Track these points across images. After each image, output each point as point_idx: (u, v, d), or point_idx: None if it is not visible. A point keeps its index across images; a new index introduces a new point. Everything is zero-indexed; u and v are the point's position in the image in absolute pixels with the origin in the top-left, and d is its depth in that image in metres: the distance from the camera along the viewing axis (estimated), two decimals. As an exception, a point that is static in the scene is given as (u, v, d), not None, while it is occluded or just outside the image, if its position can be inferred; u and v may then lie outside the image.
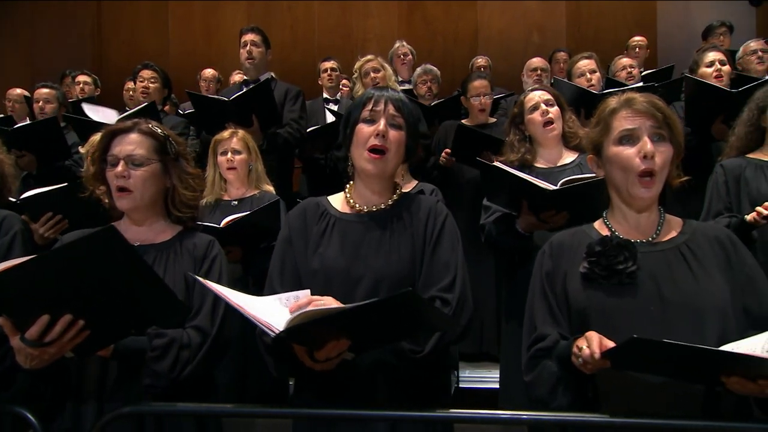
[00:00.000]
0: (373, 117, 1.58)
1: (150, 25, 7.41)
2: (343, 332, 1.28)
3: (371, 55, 4.01)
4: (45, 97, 3.98)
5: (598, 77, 3.65)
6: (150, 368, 1.50)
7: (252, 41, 3.90)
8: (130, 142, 1.66)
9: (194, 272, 1.66)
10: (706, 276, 1.41)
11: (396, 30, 6.88)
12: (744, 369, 1.16)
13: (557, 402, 1.41)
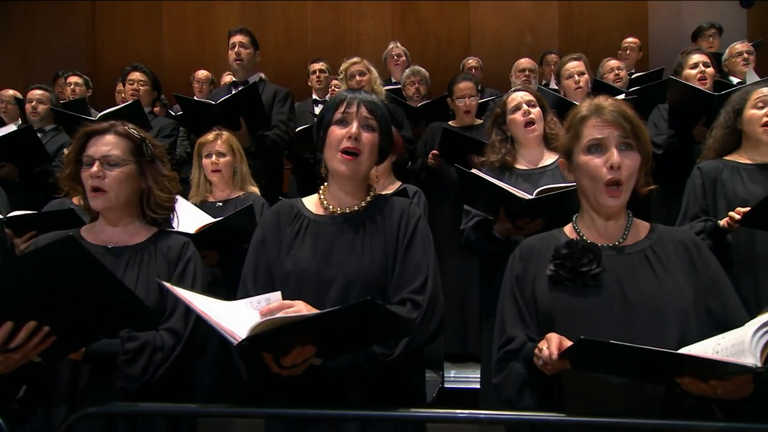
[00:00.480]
0: (345, 119, 1.59)
1: (144, 26, 7.43)
2: (307, 339, 1.30)
3: (357, 57, 4.02)
4: (38, 98, 4.02)
5: (587, 79, 3.67)
6: (122, 372, 1.53)
7: (240, 43, 3.91)
8: (106, 143, 1.68)
9: (168, 274, 1.69)
10: (670, 279, 1.44)
11: (389, 31, 6.91)
12: (695, 370, 1.19)
13: (524, 403, 1.43)
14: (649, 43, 6.09)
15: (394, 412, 1.40)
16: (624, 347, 1.16)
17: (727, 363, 1.13)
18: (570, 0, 6.56)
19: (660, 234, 1.53)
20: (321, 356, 1.40)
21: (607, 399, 1.37)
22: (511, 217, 2.36)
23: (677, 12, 6.22)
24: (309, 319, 1.21)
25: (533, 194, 2.25)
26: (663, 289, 1.42)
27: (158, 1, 7.42)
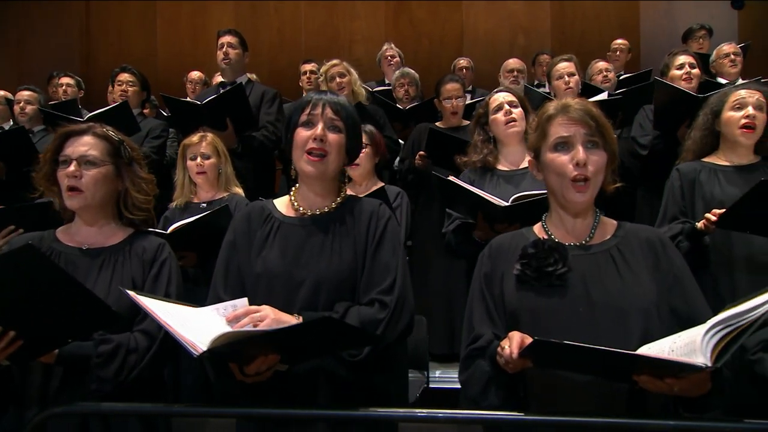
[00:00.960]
0: (311, 120, 1.61)
1: (138, 27, 7.45)
2: (270, 349, 1.32)
3: (336, 59, 4.04)
4: (26, 99, 4.04)
5: (577, 80, 3.69)
6: (95, 374, 1.54)
7: (228, 43, 3.93)
8: (84, 144, 1.70)
9: (143, 275, 1.71)
10: (633, 277, 1.46)
11: (382, 32, 6.93)
12: (650, 368, 1.20)
13: (488, 401, 1.44)
14: (640, 44, 6.11)
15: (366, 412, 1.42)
16: (577, 347, 1.17)
17: (677, 362, 1.15)
18: (562, 1, 6.57)
19: (626, 232, 1.55)
20: (287, 362, 1.42)
21: (572, 397, 1.39)
22: (490, 221, 2.39)
23: (668, 13, 6.24)
24: (267, 334, 1.24)
25: (510, 200, 2.26)
26: (626, 288, 1.43)
27: (152, 2, 7.43)
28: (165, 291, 1.70)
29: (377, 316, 1.51)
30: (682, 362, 1.14)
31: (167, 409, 1.52)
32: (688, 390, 1.24)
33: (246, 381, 1.37)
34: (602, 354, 1.17)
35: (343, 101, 1.66)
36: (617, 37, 5.92)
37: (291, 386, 1.50)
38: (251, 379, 1.36)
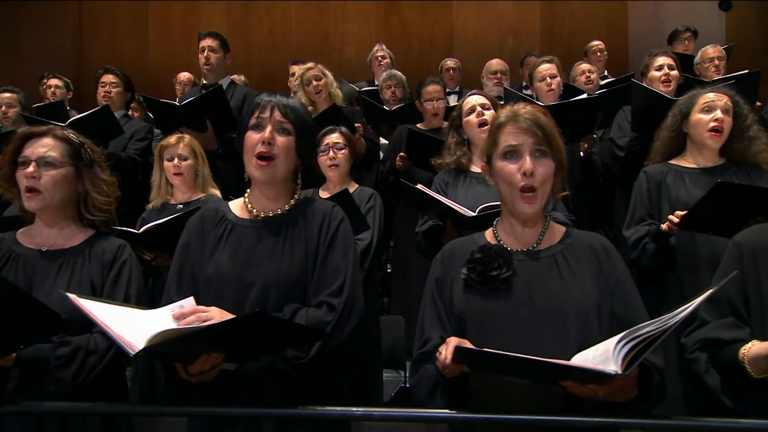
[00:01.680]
0: (260, 123, 1.61)
1: (130, 28, 7.48)
2: (212, 347, 1.34)
3: (311, 63, 4.05)
4: (7, 101, 4.06)
5: (559, 82, 3.70)
6: (54, 376, 1.55)
7: (209, 47, 3.95)
8: (43, 145, 1.71)
9: (102, 277, 1.72)
10: (575, 282, 1.47)
11: (373, 33, 6.96)
12: (572, 375, 1.22)
13: (435, 403, 1.45)
14: (628, 45, 6.13)
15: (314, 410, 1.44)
16: (499, 355, 1.20)
17: (589, 370, 1.18)
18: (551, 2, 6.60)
19: (573, 239, 1.56)
20: (234, 361, 1.44)
21: (514, 398, 1.41)
22: (458, 228, 2.41)
23: (656, 15, 6.26)
24: (202, 330, 1.25)
25: (476, 210, 2.29)
26: (567, 293, 1.45)
27: (144, 3, 7.47)
28: (125, 293, 1.71)
29: (324, 319, 1.53)
30: (594, 370, 1.17)
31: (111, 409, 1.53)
32: (613, 395, 1.26)
33: (191, 381, 1.38)
34: (525, 361, 1.19)
35: (293, 103, 1.66)
36: (606, 39, 5.95)
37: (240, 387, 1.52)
38: (196, 378, 1.38)
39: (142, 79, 7.18)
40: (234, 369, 1.45)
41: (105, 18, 7.51)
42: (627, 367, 1.13)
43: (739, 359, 1.41)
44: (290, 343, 1.47)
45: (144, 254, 2.59)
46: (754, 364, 1.39)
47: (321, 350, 1.51)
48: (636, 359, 1.14)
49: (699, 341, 1.53)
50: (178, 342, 1.24)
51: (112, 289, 1.71)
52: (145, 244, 2.57)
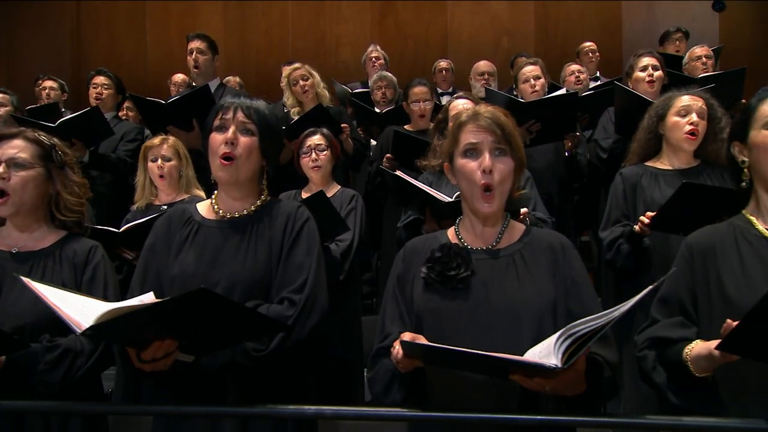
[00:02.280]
0: (223, 125, 1.64)
1: (128, 29, 7.53)
2: (164, 333, 1.36)
3: (298, 63, 4.08)
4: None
5: (543, 83, 3.73)
6: (42, 379, 1.57)
7: (197, 49, 3.99)
8: (13, 146, 1.73)
9: (75, 279, 1.73)
10: (531, 281, 1.49)
11: (368, 34, 6.98)
12: (517, 369, 1.25)
13: (391, 398, 1.47)
14: (622, 46, 6.14)
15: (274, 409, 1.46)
16: (439, 348, 1.22)
17: (529, 363, 1.20)
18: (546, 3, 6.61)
19: (532, 237, 1.58)
20: (192, 353, 1.46)
21: (470, 394, 1.43)
22: (437, 217, 2.43)
23: (650, 15, 6.26)
24: (149, 308, 1.25)
25: (453, 197, 2.31)
26: (523, 292, 1.47)
27: (142, 4, 7.52)
28: (102, 295, 1.71)
29: (285, 313, 1.55)
30: (533, 363, 1.19)
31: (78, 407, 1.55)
32: (561, 389, 1.28)
33: (144, 368, 1.40)
34: (469, 355, 1.22)
35: (257, 105, 1.68)
36: (600, 40, 5.96)
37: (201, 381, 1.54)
38: (149, 366, 1.39)
39: (140, 80, 7.24)
40: (191, 361, 1.47)
41: (103, 19, 7.56)
42: (567, 360, 1.16)
43: (682, 358, 1.43)
44: (246, 333, 1.49)
45: (125, 253, 2.63)
46: (695, 364, 1.40)
47: (281, 344, 1.53)
48: (574, 354, 1.16)
49: (647, 339, 1.55)
50: (126, 320, 1.25)
51: (89, 290, 1.71)
52: (126, 243, 2.60)
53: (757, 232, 1.50)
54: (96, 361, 1.65)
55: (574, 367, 1.25)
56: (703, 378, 1.42)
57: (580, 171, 3.61)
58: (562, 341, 1.16)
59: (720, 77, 3.87)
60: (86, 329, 1.24)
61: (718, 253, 1.51)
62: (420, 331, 1.49)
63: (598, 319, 1.16)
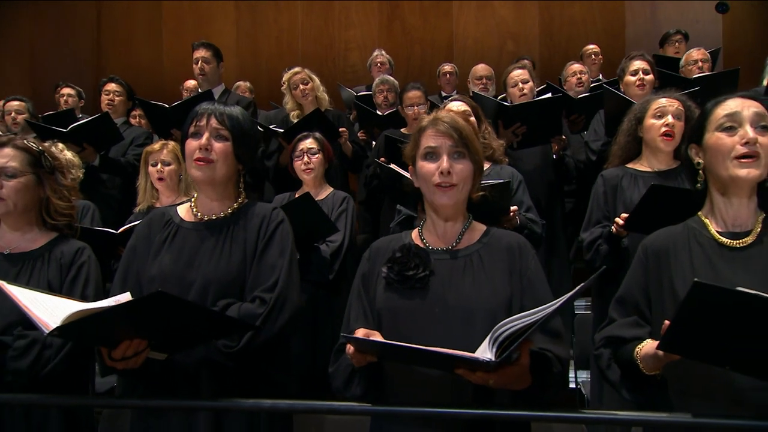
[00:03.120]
0: (198, 131, 1.69)
1: (145, 37, 7.67)
2: (132, 333, 1.40)
3: (298, 67, 4.13)
4: (16, 109, 4.24)
5: (531, 86, 3.74)
6: (10, 366, 1.63)
7: (203, 57, 4.09)
8: (3, 156, 1.80)
9: (61, 278, 1.80)
10: (487, 281, 1.52)
11: (376, 38, 7.03)
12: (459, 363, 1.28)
13: (351, 392, 1.52)
14: (626, 49, 6.08)
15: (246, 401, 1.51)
16: (389, 345, 1.26)
17: (463, 357, 1.23)
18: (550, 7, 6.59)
19: (491, 237, 1.60)
20: (164, 351, 1.51)
21: (426, 387, 1.45)
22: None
23: (653, 17, 6.21)
24: (110, 310, 1.30)
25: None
26: (478, 291, 1.50)
27: (158, 13, 7.65)
28: (81, 293, 1.79)
29: (255, 311, 1.59)
30: (469, 357, 1.22)
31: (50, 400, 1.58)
32: (507, 383, 1.31)
33: (116, 366, 1.45)
34: (415, 350, 1.25)
35: (230, 111, 1.73)
36: (603, 42, 5.93)
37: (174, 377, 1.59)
38: (121, 364, 1.44)
39: (157, 86, 7.37)
40: (164, 359, 1.52)
41: (121, 28, 7.71)
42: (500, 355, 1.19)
43: (633, 357, 1.45)
44: (211, 333, 1.53)
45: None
46: (644, 362, 1.43)
47: (251, 340, 1.57)
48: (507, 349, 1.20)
49: (603, 338, 1.57)
50: (90, 322, 1.30)
51: (70, 288, 1.79)
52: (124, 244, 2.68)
53: (709, 234, 1.51)
54: (66, 355, 1.68)
55: (519, 362, 1.29)
56: (652, 376, 1.44)
57: (568, 173, 3.61)
58: (497, 337, 1.20)
59: (713, 78, 3.85)
60: (53, 330, 1.29)
61: (671, 255, 1.53)
62: (380, 329, 1.53)
63: (531, 315, 1.19)
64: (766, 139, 1.44)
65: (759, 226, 1.48)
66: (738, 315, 1.14)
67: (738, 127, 1.46)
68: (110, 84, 4.33)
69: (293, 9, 7.29)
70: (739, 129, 1.46)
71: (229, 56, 7.43)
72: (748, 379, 1.31)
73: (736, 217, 1.50)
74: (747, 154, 1.43)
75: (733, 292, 1.10)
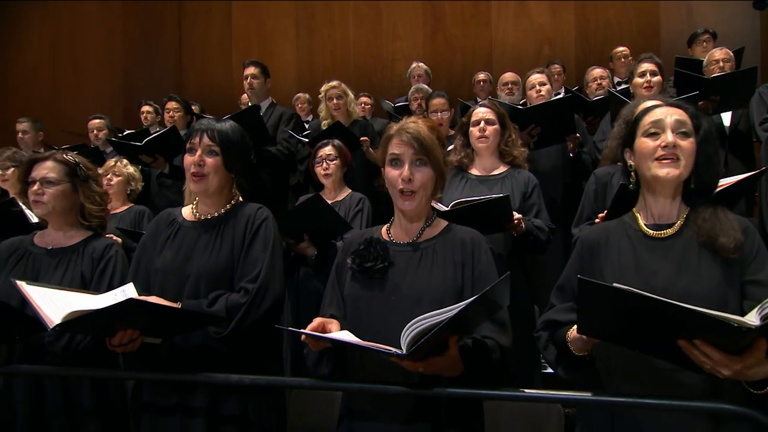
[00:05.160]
0: (192, 147, 1.84)
1: (218, 58, 8.07)
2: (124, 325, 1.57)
3: (336, 81, 4.25)
4: (97, 126, 4.63)
5: (548, 89, 3.73)
6: (47, 349, 1.84)
7: (252, 74, 4.30)
8: (45, 168, 2.02)
9: (92, 270, 2.00)
10: (438, 272, 1.58)
11: (421, 49, 7.09)
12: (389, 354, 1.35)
13: (320, 371, 1.61)
14: (661, 49, 5.84)
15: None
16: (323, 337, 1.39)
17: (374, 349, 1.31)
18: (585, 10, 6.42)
19: (449, 233, 1.66)
20: (157, 336, 1.67)
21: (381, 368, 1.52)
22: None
23: (689, 17, 5.91)
24: (95, 312, 1.47)
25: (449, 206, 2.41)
26: (428, 281, 1.56)
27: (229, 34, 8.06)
28: (108, 282, 1.98)
29: (239, 301, 1.72)
30: (383, 350, 1.29)
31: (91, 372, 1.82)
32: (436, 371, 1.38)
33: (116, 351, 1.63)
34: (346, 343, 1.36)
35: (221, 127, 1.85)
36: (638, 43, 5.74)
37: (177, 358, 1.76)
38: (119, 349, 1.62)
39: (228, 101, 7.75)
40: (159, 343, 1.68)
41: (198, 50, 8.18)
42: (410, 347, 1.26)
43: (565, 339, 1.48)
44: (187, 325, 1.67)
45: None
46: (574, 344, 1.46)
47: (237, 325, 1.70)
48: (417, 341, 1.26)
49: (543, 322, 1.60)
50: (82, 321, 1.48)
51: (100, 279, 1.99)
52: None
53: (637, 227, 1.54)
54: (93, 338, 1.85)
55: (447, 353, 1.35)
56: (582, 356, 1.47)
57: (585, 169, 3.57)
58: (411, 331, 1.25)
59: (730, 77, 3.69)
60: (55, 326, 1.48)
61: (603, 247, 1.55)
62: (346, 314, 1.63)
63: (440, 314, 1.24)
64: (686, 143, 1.47)
65: (681, 220, 1.50)
66: (622, 306, 1.17)
67: (661, 133, 1.50)
68: (170, 102, 4.63)
69: (345, 25, 7.48)
70: (662, 134, 1.49)
71: (289, 70, 7.78)
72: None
73: (662, 212, 1.53)
74: (666, 156, 1.46)
75: (610, 288, 1.13)
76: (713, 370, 1.19)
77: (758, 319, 1.08)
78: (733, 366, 1.16)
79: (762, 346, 1.14)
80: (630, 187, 1.59)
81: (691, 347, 1.18)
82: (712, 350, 1.16)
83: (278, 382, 1.66)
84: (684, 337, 1.18)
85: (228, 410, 1.72)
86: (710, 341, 1.16)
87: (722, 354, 1.16)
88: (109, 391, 2.01)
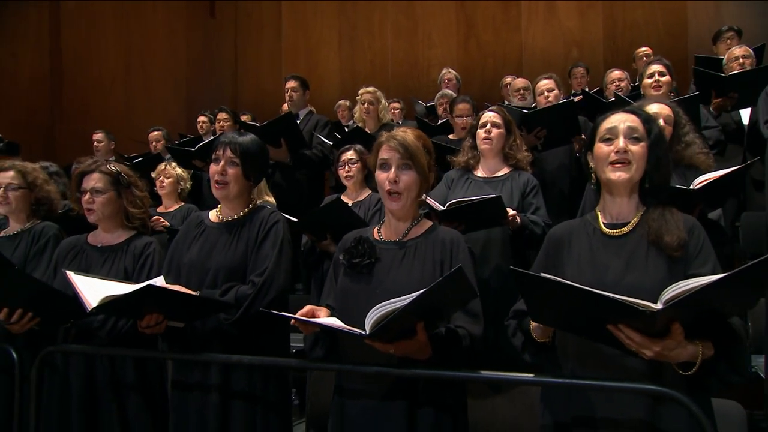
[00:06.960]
0: (217, 158, 1.99)
1: (269, 69, 8.37)
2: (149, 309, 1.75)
3: (372, 87, 4.34)
4: (156, 138, 4.95)
5: (556, 94, 3.74)
6: (96, 333, 2.05)
7: (292, 87, 4.50)
8: (92, 179, 2.21)
9: (134, 265, 2.19)
10: (419, 267, 1.66)
11: (454, 55, 7.13)
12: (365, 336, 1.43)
13: (315, 353, 1.73)
14: (688, 49, 5.66)
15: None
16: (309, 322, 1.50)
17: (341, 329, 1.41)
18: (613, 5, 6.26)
19: (432, 233, 1.73)
20: (180, 320, 1.84)
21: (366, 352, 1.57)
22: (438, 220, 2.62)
23: (717, 14, 5.68)
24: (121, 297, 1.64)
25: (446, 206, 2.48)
26: (409, 276, 1.65)
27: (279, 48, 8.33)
28: (147, 275, 2.16)
29: (247, 292, 1.86)
30: (348, 330, 1.39)
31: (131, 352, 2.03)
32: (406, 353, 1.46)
33: (145, 332, 1.81)
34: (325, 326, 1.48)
35: (241, 140, 2.00)
36: (665, 43, 5.59)
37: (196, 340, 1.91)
38: (147, 330, 1.80)
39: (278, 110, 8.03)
40: (182, 326, 1.85)
41: (251, 63, 8.51)
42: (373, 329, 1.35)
43: (529, 327, 1.55)
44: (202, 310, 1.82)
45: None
46: (535, 331, 1.52)
47: (245, 313, 1.84)
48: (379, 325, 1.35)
49: (513, 311, 1.65)
50: (114, 304, 1.66)
51: (140, 272, 2.17)
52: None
53: (597, 226, 1.57)
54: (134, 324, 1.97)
55: (415, 338, 1.44)
56: (543, 342, 1.54)
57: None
58: (373, 314, 1.34)
59: (748, 74, 3.58)
60: (93, 308, 1.67)
61: (565, 243, 1.59)
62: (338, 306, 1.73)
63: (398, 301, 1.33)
64: (637, 148, 1.51)
65: (637, 219, 1.53)
66: (558, 296, 1.23)
67: (614, 138, 1.53)
68: (221, 113, 4.88)
69: (384, 35, 7.60)
70: (615, 140, 1.52)
71: (333, 78, 7.98)
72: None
73: (619, 212, 1.56)
74: (618, 161, 1.50)
75: (540, 278, 1.19)
76: (639, 352, 1.25)
77: (661, 303, 1.13)
78: (654, 347, 1.22)
79: (677, 329, 1.20)
80: (592, 188, 1.63)
81: (618, 331, 1.24)
82: (633, 333, 1.23)
83: (275, 362, 1.80)
84: (611, 322, 1.24)
85: (238, 386, 1.87)
86: (633, 326, 1.22)
87: (643, 337, 1.22)
88: (149, 369, 2.20)
